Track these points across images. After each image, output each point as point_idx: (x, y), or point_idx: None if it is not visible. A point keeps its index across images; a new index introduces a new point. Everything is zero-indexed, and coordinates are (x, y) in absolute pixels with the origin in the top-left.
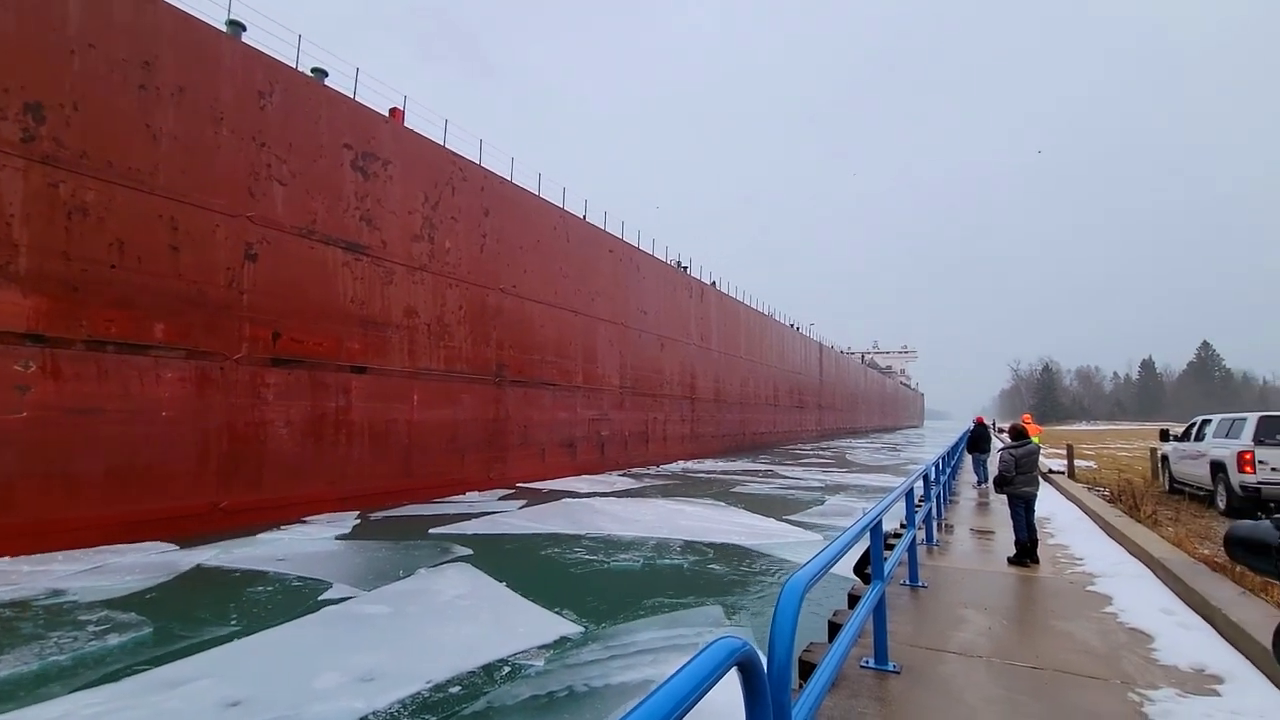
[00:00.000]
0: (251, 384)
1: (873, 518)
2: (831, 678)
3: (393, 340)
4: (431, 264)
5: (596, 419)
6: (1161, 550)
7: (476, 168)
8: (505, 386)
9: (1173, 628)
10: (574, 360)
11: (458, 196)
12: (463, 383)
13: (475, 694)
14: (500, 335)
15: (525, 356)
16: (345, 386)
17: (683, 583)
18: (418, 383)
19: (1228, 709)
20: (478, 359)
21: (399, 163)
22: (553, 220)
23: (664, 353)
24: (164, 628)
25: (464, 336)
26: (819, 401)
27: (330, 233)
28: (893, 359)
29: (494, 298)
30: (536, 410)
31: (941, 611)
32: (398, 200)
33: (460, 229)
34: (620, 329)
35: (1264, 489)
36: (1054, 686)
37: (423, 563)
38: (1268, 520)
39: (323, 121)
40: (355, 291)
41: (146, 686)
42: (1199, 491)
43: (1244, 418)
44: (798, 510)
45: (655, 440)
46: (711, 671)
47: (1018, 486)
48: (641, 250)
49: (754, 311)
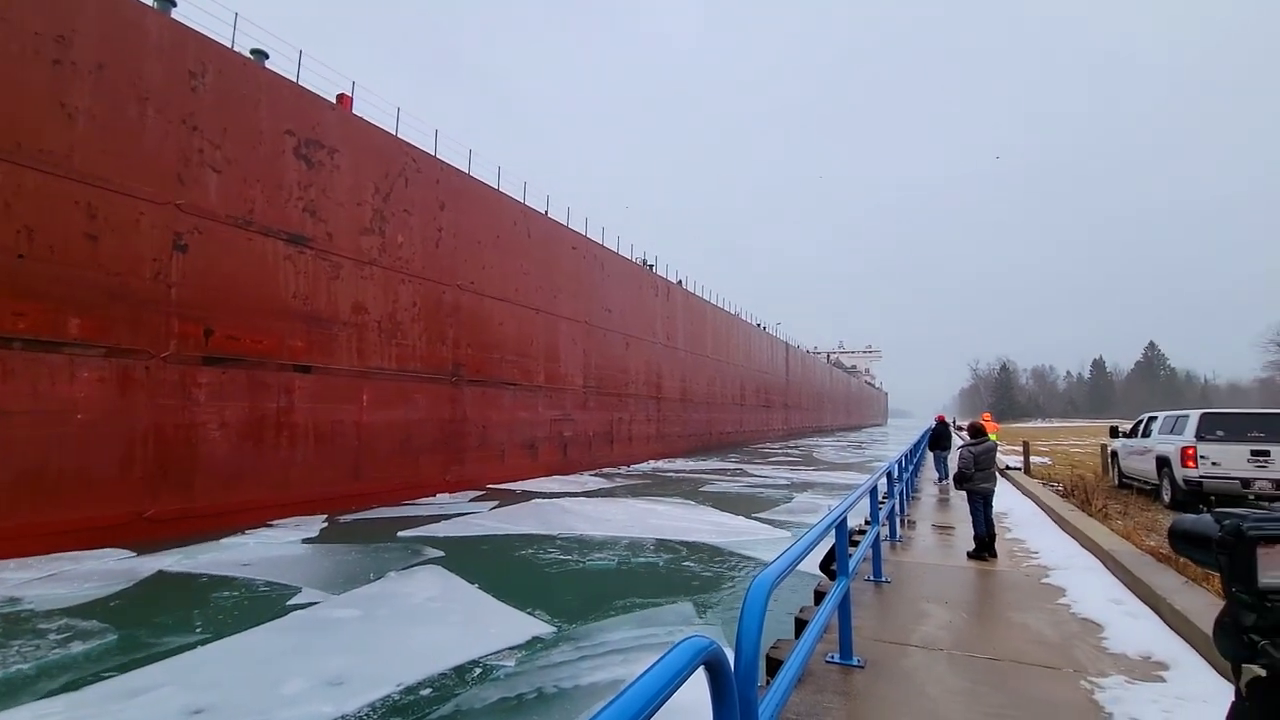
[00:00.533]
0: (181, 384)
1: (837, 516)
2: (797, 674)
3: (340, 338)
4: (382, 258)
5: (559, 419)
6: (1111, 543)
7: (431, 159)
8: (463, 386)
9: (1121, 617)
10: (535, 359)
11: (411, 189)
12: (417, 382)
13: (445, 696)
14: (457, 333)
15: (484, 355)
16: (287, 386)
17: (654, 581)
18: (368, 382)
19: (1172, 694)
20: (433, 358)
21: (346, 151)
22: (513, 215)
23: (629, 352)
24: (125, 635)
25: (418, 334)
26: (785, 401)
27: (270, 224)
28: (857, 358)
29: (450, 294)
30: (496, 410)
31: (904, 606)
32: (345, 191)
33: (414, 223)
34: (584, 327)
35: (1205, 483)
36: (1011, 677)
37: (392, 566)
38: (1208, 515)
39: (262, 106)
40: (298, 286)
41: (107, 695)
42: (1146, 486)
43: (1186, 415)
44: (767, 508)
45: (620, 441)
46: (679, 672)
47: (976, 483)
48: (606, 247)
49: (720, 311)
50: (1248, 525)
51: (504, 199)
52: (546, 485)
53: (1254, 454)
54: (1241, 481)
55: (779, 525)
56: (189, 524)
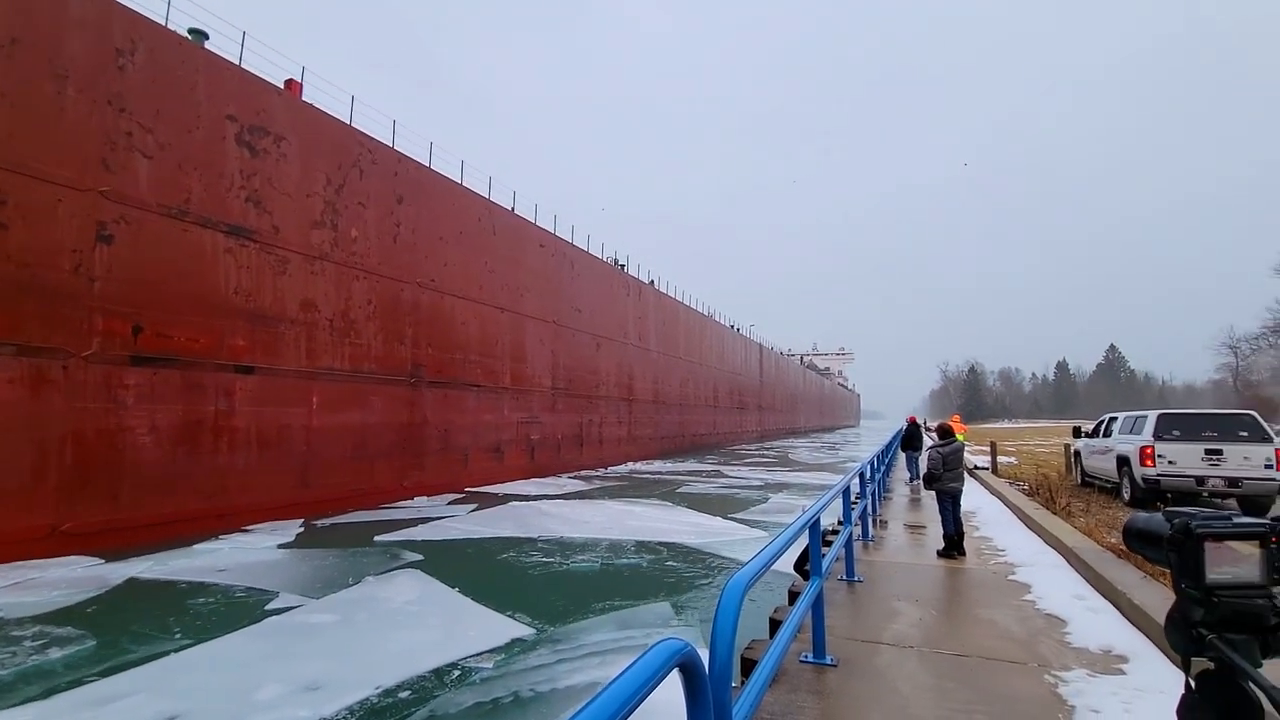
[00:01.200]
0: (105, 385)
1: (810, 517)
2: (771, 674)
3: (287, 337)
4: (334, 253)
5: (526, 422)
6: (1074, 540)
7: (389, 150)
8: (422, 388)
9: (1084, 612)
10: (501, 360)
11: (366, 180)
12: (372, 384)
13: (421, 700)
14: (416, 332)
15: (446, 356)
16: (227, 388)
17: (633, 583)
18: (318, 384)
19: (1132, 686)
20: (390, 358)
21: (295, 140)
22: (476, 211)
23: (599, 352)
24: (97, 642)
25: (373, 333)
26: (759, 403)
27: (209, 214)
28: (831, 360)
29: (409, 292)
30: (458, 413)
31: (876, 605)
32: (293, 181)
33: (369, 216)
34: (552, 327)
35: (1163, 481)
36: (979, 672)
37: (370, 570)
38: (1160, 514)
39: (200, 88)
40: (240, 281)
41: (78, 703)
42: (1107, 484)
43: (1145, 415)
44: (743, 509)
45: (590, 443)
46: (653, 674)
47: (945, 483)
48: (575, 245)
49: (694, 312)
50: (1196, 523)
51: (467, 193)
52: (524, 489)
53: (1208, 453)
54: (1196, 479)
55: (756, 525)
56: (115, 537)
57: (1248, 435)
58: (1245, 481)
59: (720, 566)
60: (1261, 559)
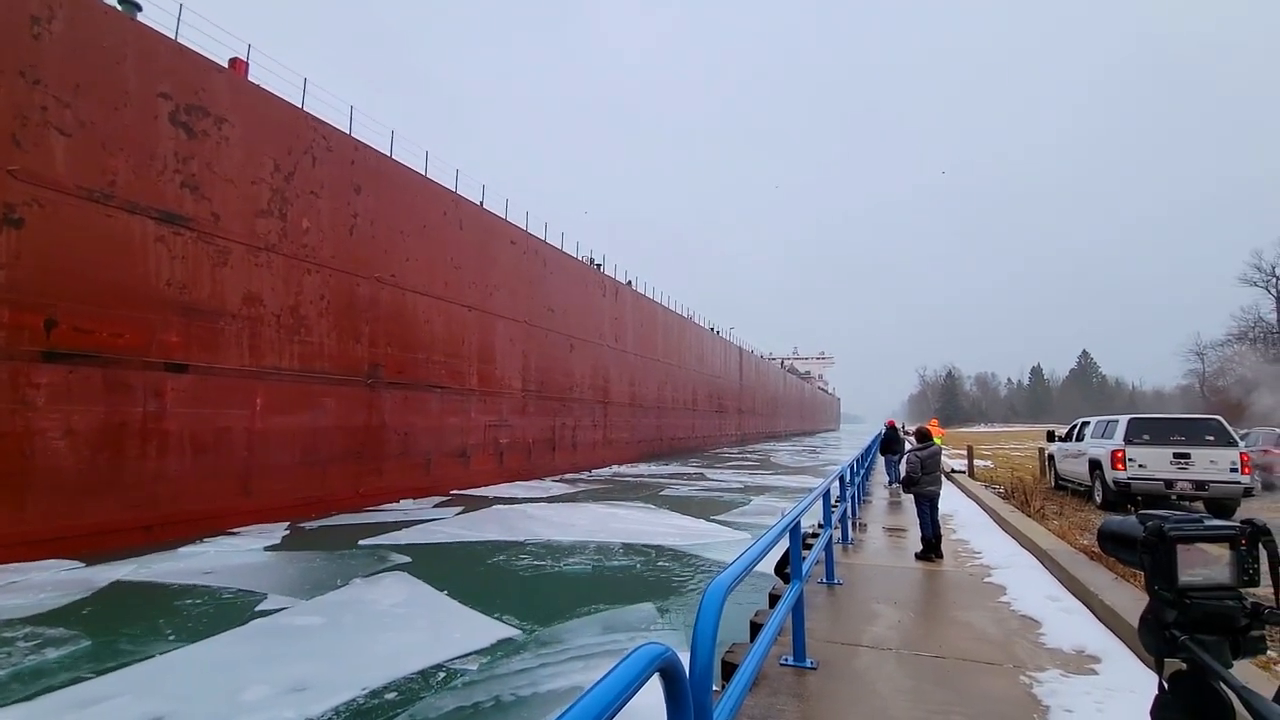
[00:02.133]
0: (12, 384)
1: (790, 520)
2: (752, 678)
3: (228, 333)
4: (283, 244)
5: (494, 425)
6: (1048, 542)
7: (345, 137)
8: (381, 389)
9: (1058, 613)
10: (467, 360)
11: (320, 168)
12: (325, 384)
13: (405, 702)
14: (375, 330)
15: (407, 355)
16: (157, 388)
17: (618, 585)
18: (263, 384)
19: (1104, 686)
20: (345, 357)
21: (239, 122)
22: (442, 204)
23: (574, 354)
24: (84, 644)
25: (326, 330)
26: (739, 406)
27: (138, 199)
28: (811, 364)
29: (367, 287)
30: (421, 416)
31: (856, 607)
32: (236, 166)
33: (323, 206)
34: (523, 327)
35: (1133, 484)
36: (956, 674)
37: (357, 572)
38: (1133, 517)
39: (130, 62)
40: (174, 273)
41: (62, 705)
42: (1080, 487)
43: (1116, 420)
44: (726, 511)
45: (563, 447)
46: (634, 679)
47: (923, 486)
48: (549, 244)
49: (672, 313)
50: (1169, 526)
51: (432, 185)
52: (499, 492)
53: (1176, 456)
54: (1165, 482)
55: (739, 528)
56: (23, 551)
57: (1214, 439)
58: (1212, 484)
59: (704, 568)
60: (1232, 561)
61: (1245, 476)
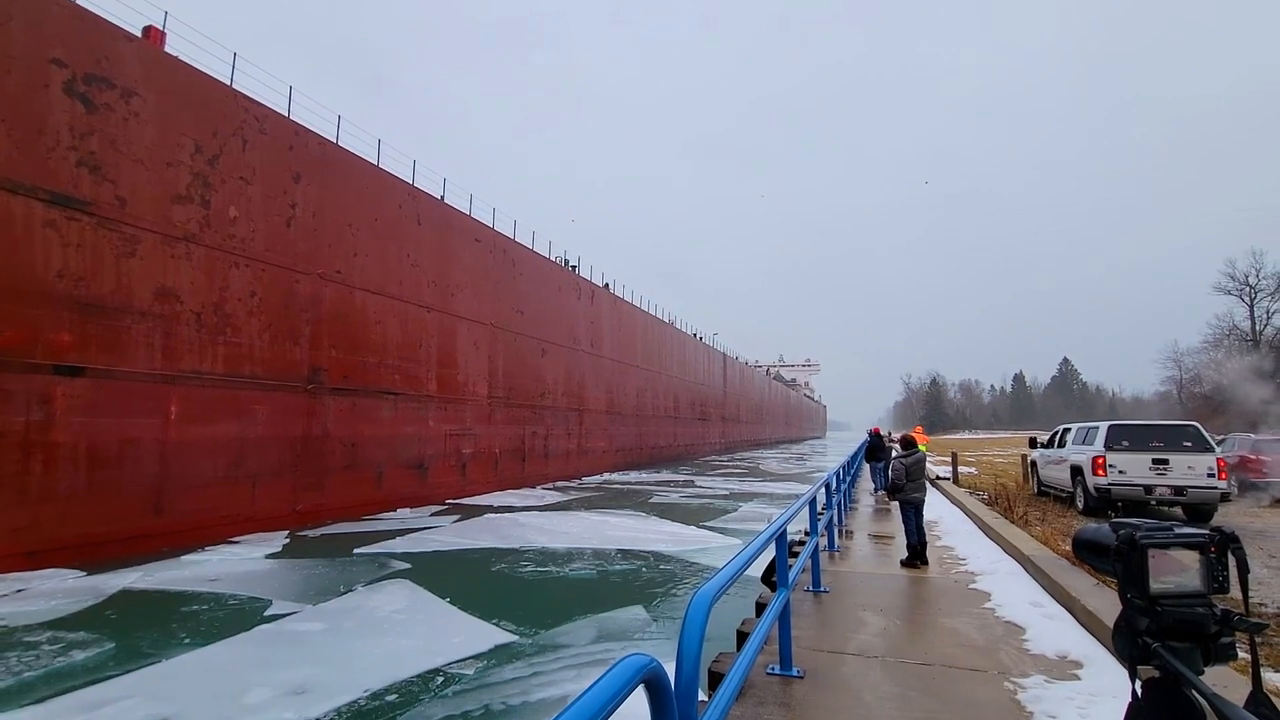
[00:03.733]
0: None
1: (776, 528)
2: (738, 688)
3: (135, 332)
4: (206, 234)
5: (457, 434)
6: (1031, 548)
7: (282, 120)
8: (324, 396)
9: (1041, 619)
10: (425, 365)
11: (252, 152)
12: (256, 390)
13: (402, 705)
14: (317, 331)
15: (355, 359)
16: (45, 394)
17: (612, 591)
18: (179, 390)
19: (1087, 691)
20: (281, 360)
21: (151, 97)
22: (397, 197)
23: (546, 359)
24: (97, 651)
25: (258, 331)
26: (723, 413)
27: (21, 178)
28: (797, 371)
29: (308, 284)
30: (371, 425)
31: (842, 615)
32: (148, 146)
33: (255, 194)
34: (489, 330)
35: (1114, 490)
36: (941, 681)
37: (359, 579)
38: (1106, 524)
39: (14, 23)
40: (68, 263)
41: (71, 708)
42: (1063, 493)
43: (1097, 426)
44: (716, 517)
45: (534, 457)
46: (618, 691)
47: (908, 493)
48: (519, 243)
49: (652, 318)
50: (1140, 534)
51: (385, 176)
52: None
53: (1155, 462)
54: (1144, 488)
55: (728, 534)
56: None
57: (1191, 445)
58: (1190, 490)
59: (696, 573)
60: (1202, 568)
61: (1222, 482)
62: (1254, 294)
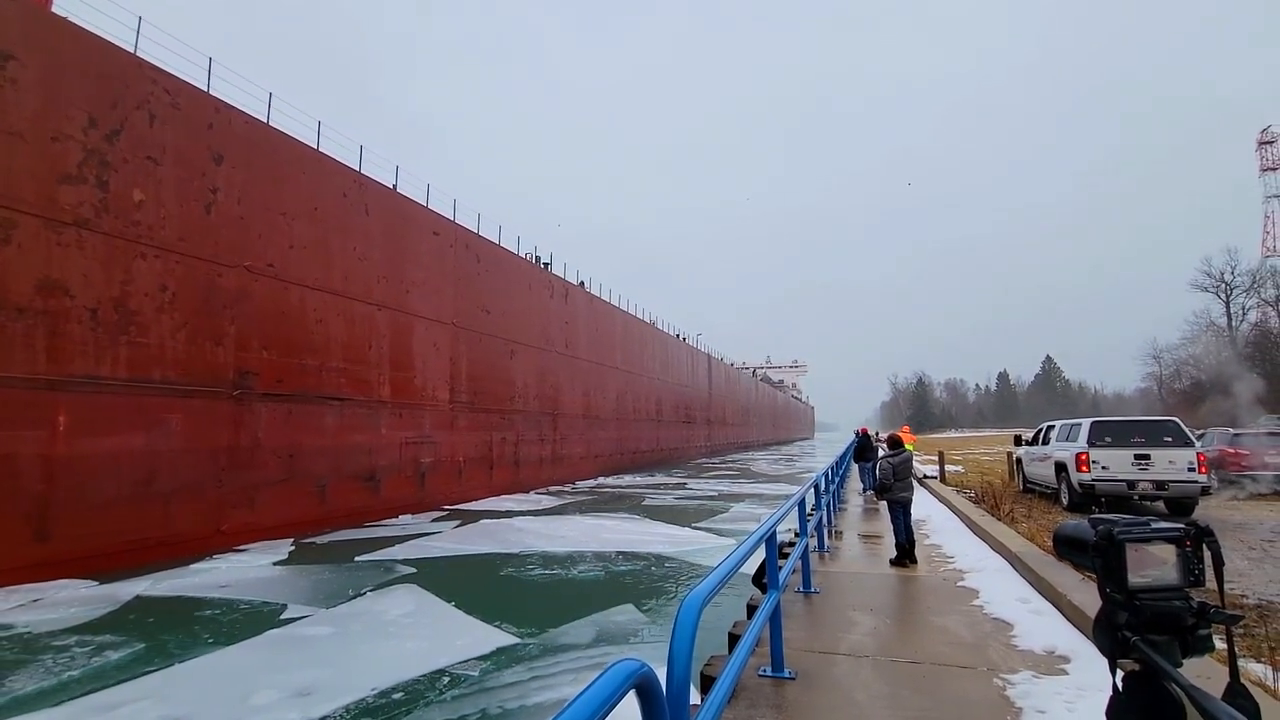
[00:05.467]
0: None
1: (766, 530)
2: (730, 690)
3: (10, 331)
4: (102, 220)
5: (414, 442)
6: (1017, 545)
7: (200, 95)
8: (253, 402)
9: (1028, 615)
10: (377, 368)
11: (161, 129)
12: (169, 397)
13: (403, 705)
14: (245, 330)
15: (292, 361)
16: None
17: (613, 592)
18: (69, 397)
19: (1074, 686)
20: (200, 363)
21: (33, 61)
22: (340, 184)
23: (516, 361)
24: (114, 657)
25: (170, 330)
26: (708, 416)
27: None
28: (784, 373)
29: (234, 278)
30: (312, 434)
31: (832, 615)
32: (27, 116)
33: (166, 176)
34: (451, 330)
35: (1098, 485)
36: (932, 679)
37: (366, 584)
38: (1085, 520)
39: None
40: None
41: (85, 710)
42: (1048, 490)
43: (1080, 423)
44: (710, 518)
45: (504, 465)
46: (609, 697)
47: (895, 492)
48: (484, 238)
49: (632, 318)
50: (1118, 530)
51: (326, 162)
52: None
53: (1137, 458)
54: (1127, 483)
55: (722, 534)
56: None
57: (1172, 440)
58: (1171, 484)
59: (695, 573)
60: (1178, 562)
61: (1202, 476)
62: (1229, 290)
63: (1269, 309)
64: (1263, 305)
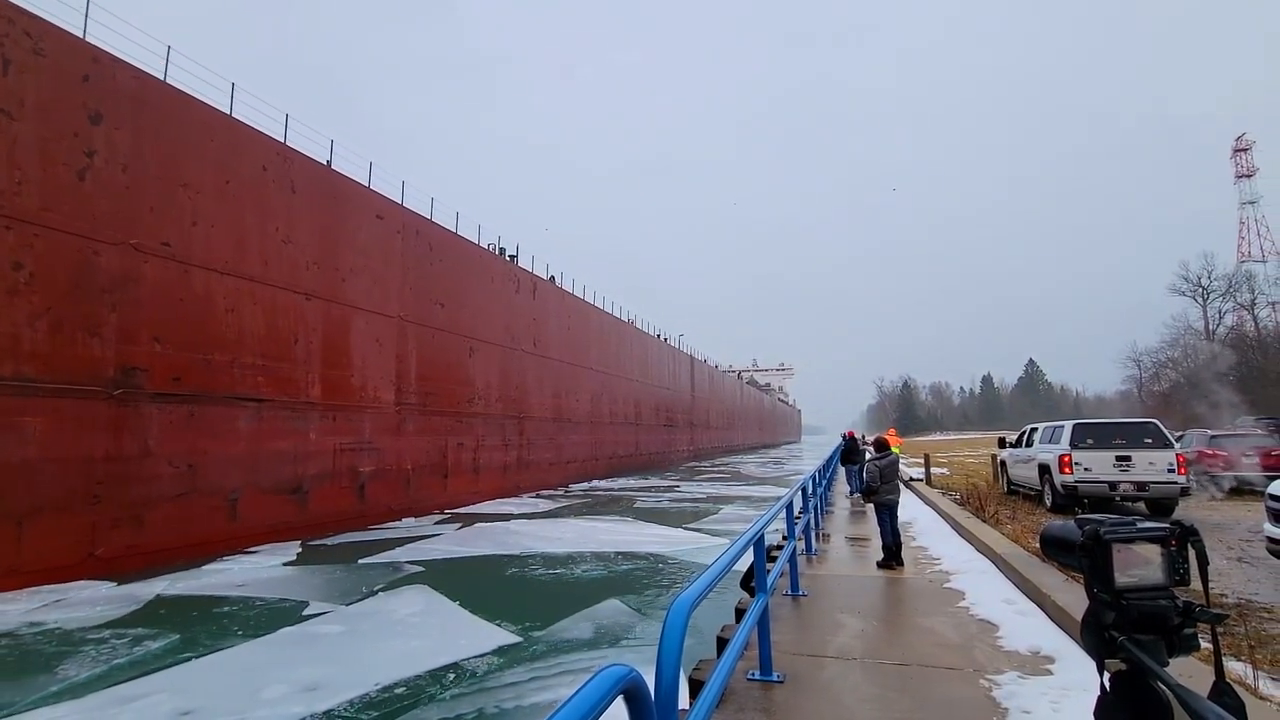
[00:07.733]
0: None
1: (754, 534)
2: (718, 695)
3: None
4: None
5: (351, 448)
6: (1002, 546)
7: (71, 40)
8: (141, 403)
9: (1014, 616)
10: (304, 365)
11: (18, 77)
12: (26, 398)
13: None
14: (131, 319)
15: (192, 356)
16: None
17: (607, 591)
18: None
19: (1059, 686)
20: (67, 357)
21: None
22: (260, 156)
23: (475, 359)
24: (137, 652)
25: (27, 317)
26: (691, 420)
27: None
28: (771, 376)
29: (115, 257)
30: (219, 440)
31: (820, 618)
32: None
33: (24, 136)
34: (398, 324)
35: (1080, 487)
36: (919, 680)
37: (376, 584)
38: (1072, 521)
39: None
40: None
41: (105, 702)
42: (1031, 491)
43: (1062, 425)
44: (702, 519)
45: (460, 473)
46: (597, 703)
47: (882, 495)
48: (437, 224)
49: (608, 315)
50: (1104, 530)
51: (241, 129)
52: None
53: (1118, 459)
54: (1109, 485)
55: (715, 534)
56: None
57: (1152, 442)
58: (1152, 485)
59: (687, 571)
60: (1164, 561)
61: (1182, 476)
62: (1206, 295)
63: (1245, 313)
64: (1239, 309)
